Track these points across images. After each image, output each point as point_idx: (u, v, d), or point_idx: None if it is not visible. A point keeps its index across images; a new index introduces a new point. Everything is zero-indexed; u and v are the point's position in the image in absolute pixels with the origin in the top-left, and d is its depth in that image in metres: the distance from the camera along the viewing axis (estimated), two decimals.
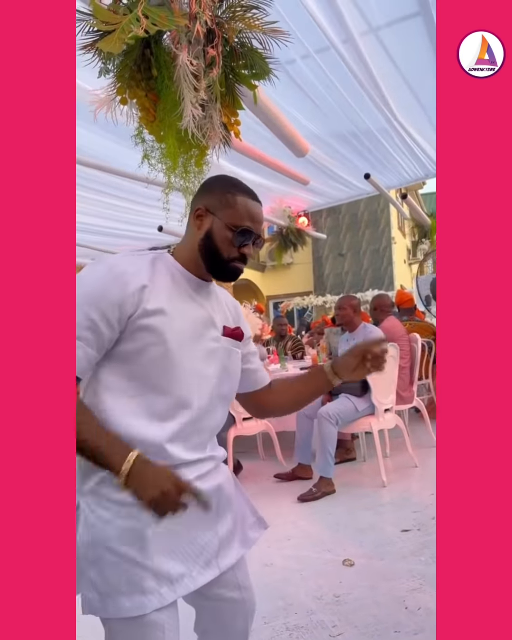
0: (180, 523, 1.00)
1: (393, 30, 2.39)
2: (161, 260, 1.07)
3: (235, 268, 1.07)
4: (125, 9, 1.26)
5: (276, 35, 1.47)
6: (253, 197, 1.08)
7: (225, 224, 1.04)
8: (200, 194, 1.10)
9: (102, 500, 0.99)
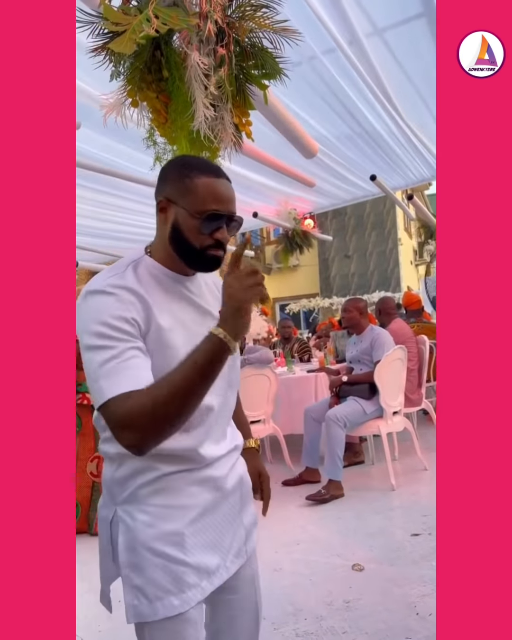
0: (214, 516, 1.05)
1: (398, 31, 2.39)
2: (142, 265, 1.01)
3: (212, 256, 0.99)
4: (135, 10, 1.25)
5: (286, 34, 1.45)
6: (215, 174, 0.98)
7: (188, 212, 0.96)
8: (159, 184, 1.02)
9: (141, 505, 1.00)
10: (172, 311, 1.00)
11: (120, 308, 0.91)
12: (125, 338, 0.90)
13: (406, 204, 5.38)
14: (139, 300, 0.94)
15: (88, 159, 3.04)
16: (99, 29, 1.28)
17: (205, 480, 1.05)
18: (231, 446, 1.13)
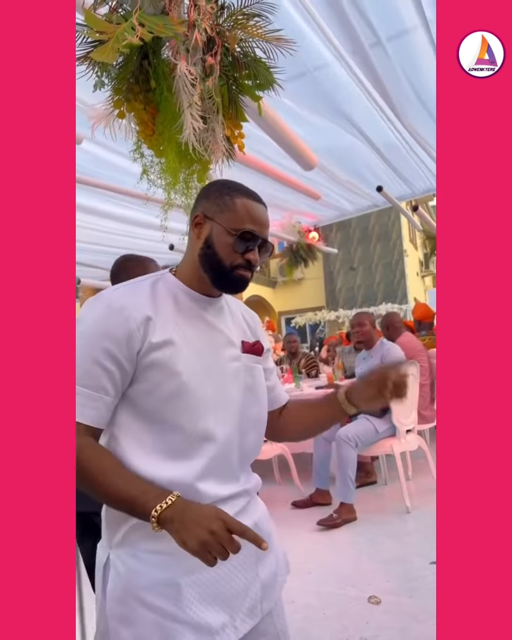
0: (219, 568, 0.91)
1: (402, 41, 2.34)
2: (162, 282, 1.00)
3: (240, 276, 0.98)
4: (120, 17, 1.18)
5: (280, 43, 1.38)
6: (255, 199, 1.00)
7: (225, 228, 0.96)
8: (198, 201, 1.03)
9: (133, 550, 0.92)
10: (180, 330, 0.95)
11: (114, 329, 0.90)
12: (108, 367, 0.89)
13: (412, 214, 5.31)
14: (142, 320, 0.92)
15: (86, 175, 2.99)
16: (83, 37, 1.21)
17: None
18: (239, 488, 1.00)
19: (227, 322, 1.04)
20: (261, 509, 1.08)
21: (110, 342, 0.89)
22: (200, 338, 0.97)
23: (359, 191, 4.19)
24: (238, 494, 1.00)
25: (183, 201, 1.31)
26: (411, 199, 4.78)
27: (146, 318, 0.91)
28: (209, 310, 1.01)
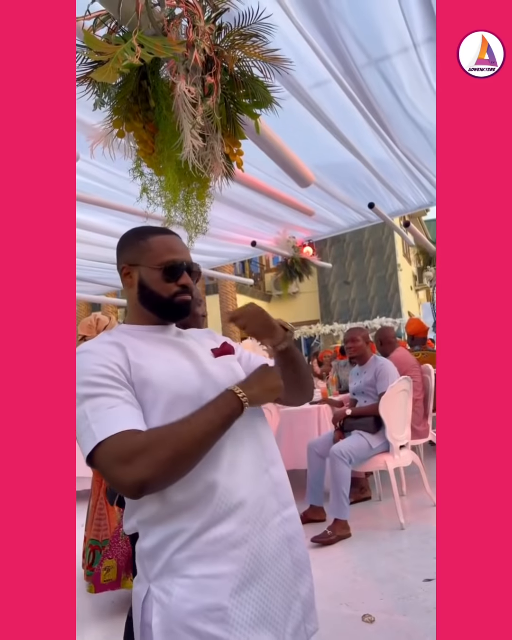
0: (260, 585, 0.93)
1: (392, 62, 2.39)
2: (116, 331, 1.07)
3: (181, 301, 1.06)
4: (119, 38, 1.20)
5: (277, 63, 1.41)
6: (165, 232, 1.10)
7: (149, 267, 1.05)
8: (118, 256, 1.11)
9: (175, 577, 0.91)
10: (155, 354, 1.00)
11: (102, 358, 0.94)
12: (113, 384, 0.91)
13: (405, 230, 5.35)
14: (118, 348, 0.98)
15: (85, 193, 3.01)
16: (82, 58, 1.23)
17: (243, 540, 0.94)
18: (271, 483, 1.03)
19: (191, 339, 1.12)
20: (297, 521, 1.09)
21: (104, 368, 0.93)
22: (169, 354, 1.03)
23: (352, 207, 4.23)
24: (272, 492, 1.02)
25: (183, 218, 1.32)
26: (404, 214, 4.83)
27: (120, 348, 0.97)
28: (168, 333, 1.10)
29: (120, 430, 0.85)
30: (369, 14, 2.05)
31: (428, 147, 3.20)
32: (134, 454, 0.83)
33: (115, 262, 1.13)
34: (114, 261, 1.14)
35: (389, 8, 2.00)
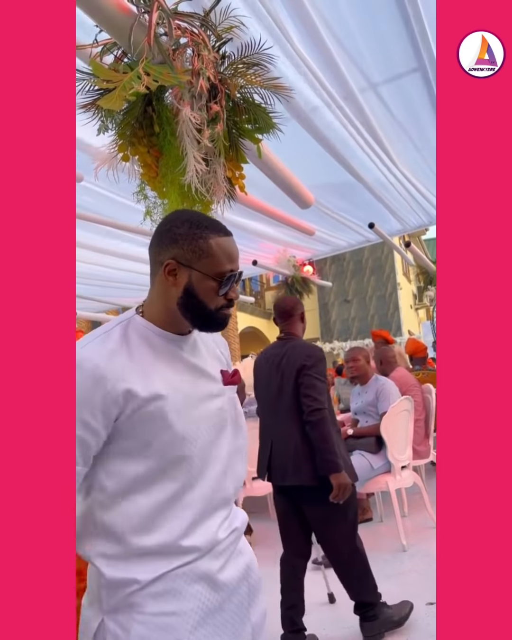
0: (217, 620, 0.92)
1: (392, 86, 2.45)
2: (132, 326, 0.96)
3: (224, 316, 0.97)
4: (126, 67, 1.24)
5: (278, 90, 1.45)
6: (225, 233, 0.96)
7: (206, 274, 0.92)
8: (163, 244, 0.95)
9: (133, 613, 0.88)
10: (163, 374, 0.93)
11: (89, 396, 0.86)
12: (84, 438, 0.87)
13: (404, 249, 5.40)
14: (120, 370, 0.88)
15: (87, 211, 3.05)
16: (89, 85, 1.26)
17: (205, 575, 0.92)
18: (229, 530, 1.00)
19: (204, 356, 1.03)
20: (249, 549, 1.07)
21: (87, 412, 0.86)
22: (182, 377, 0.96)
23: (352, 227, 4.28)
24: (226, 538, 0.98)
25: None
26: (403, 234, 4.88)
27: (123, 367, 0.89)
28: (185, 348, 0.99)
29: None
30: (368, 40, 2.11)
31: (426, 168, 3.25)
32: None
33: (151, 250, 0.98)
34: (115, 281, 1.09)
35: (385, 35, 2.06)
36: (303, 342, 2.50)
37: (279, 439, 2.31)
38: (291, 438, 2.25)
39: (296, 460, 2.23)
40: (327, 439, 2.18)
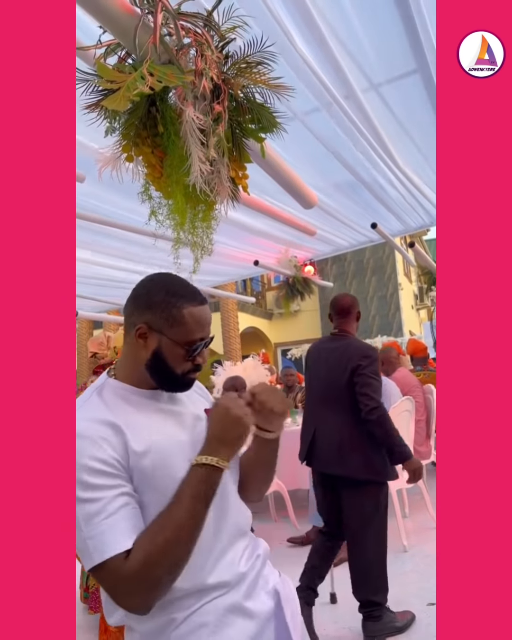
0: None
1: (393, 86, 2.45)
2: (106, 389, 0.98)
3: (190, 379, 1.01)
4: (130, 67, 1.24)
5: (280, 90, 1.45)
6: (199, 301, 0.98)
7: (175, 341, 0.95)
8: (137, 308, 0.98)
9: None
10: (149, 427, 0.93)
11: (96, 449, 0.86)
12: (108, 484, 0.85)
13: (405, 249, 5.39)
14: (112, 431, 0.89)
15: (88, 211, 3.05)
16: (93, 86, 1.26)
17: (233, 607, 0.92)
18: (249, 564, 0.99)
19: (183, 401, 1.05)
20: (276, 575, 1.06)
21: (98, 463, 0.85)
22: (171, 428, 0.97)
23: (354, 227, 4.28)
24: (253, 564, 0.99)
25: (189, 239, 1.35)
26: (405, 234, 4.87)
27: (114, 428, 0.89)
28: (162, 400, 1.01)
29: (114, 554, 0.81)
30: (371, 39, 2.11)
31: (428, 169, 3.25)
32: (131, 585, 0.80)
33: (125, 309, 1.01)
34: (117, 280, 1.08)
35: (388, 35, 2.06)
36: (358, 341, 2.59)
37: (323, 428, 2.43)
38: (336, 431, 2.37)
39: (341, 452, 2.34)
40: (392, 433, 2.30)
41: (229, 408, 0.91)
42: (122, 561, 0.80)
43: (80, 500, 0.82)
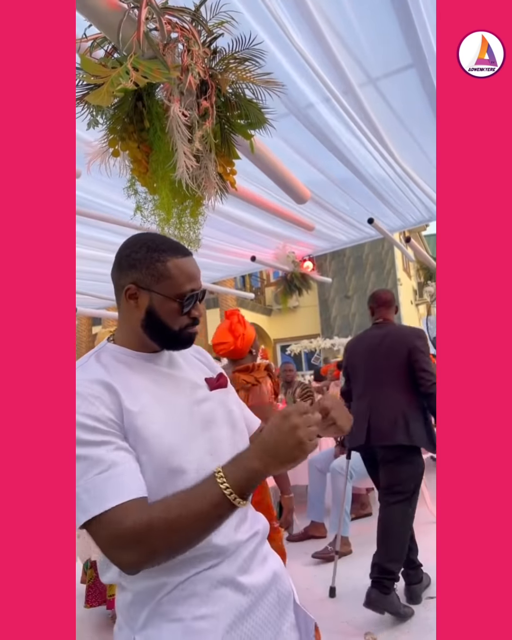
0: (251, 624, 0.90)
1: (391, 81, 2.44)
2: (105, 353, 0.98)
3: (189, 335, 1.00)
4: (115, 62, 1.23)
5: (269, 86, 1.44)
6: (183, 253, 0.98)
7: (165, 296, 0.95)
8: (122, 269, 0.98)
9: (163, 622, 0.87)
10: (144, 389, 0.93)
11: (91, 407, 0.86)
12: (103, 440, 0.84)
13: (405, 245, 5.37)
14: (106, 390, 0.89)
15: (85, 207, 3.05)
16: (78, 80, 1.25)
17: (225, 579, 0.91)
18: (251, 532, 0.98)
19: (183, 367, 1.04)
20: (276, 557, 1.05)
21: (91, 420, 0.85)
22: (166, 390, 0.96)
23: (352, 222, 4.26)
24: (251, 537, 0.98)
25: (176, 235, 1.34)
26: (403, 230, 4.86)
27: (109, 389, 0.89)
28: (161, 363, 1.01)
29: (111, 507, 0.79)
30: (369, 33, 2.09)
31: (428, 164, 3.24)
32: (128, 542, 0.79)
33: (112, 274, 1.01)
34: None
35: (385, 28, 2.04)
36: (403, 325, 3.06)
37: (382, 407, 2.65)
38: (398, 406, 2.61)
39: (405, 424, 2.56)
40: None
41: (296, 428, 0.79)
42: (120, 515, 0.79)
43: (77, 457, 0.82)
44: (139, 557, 0.79)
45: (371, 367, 2.74)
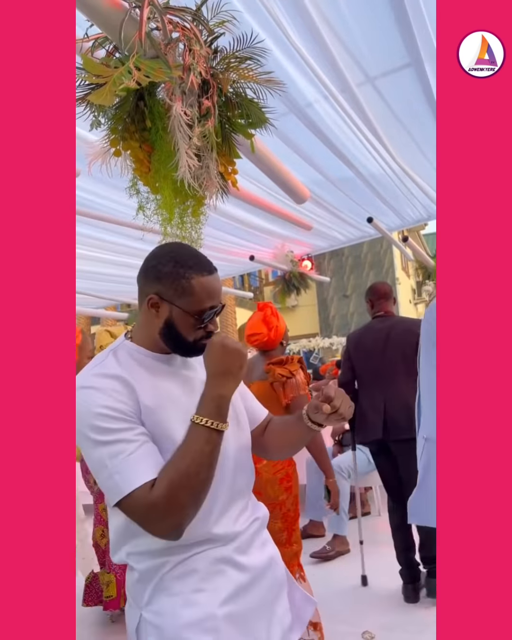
0: (248, 600, 0.98)
1: (388, 80, 2.44)
2: (122, 350, 1.04)
3: (203, 345, 1.02)
4: (117, 61, 1.23)
5: (270, 85, 1.44)
6: (208, 271, 1.01)
7: (185, 311, 0.99)
8: (148, 279, 1.03)
9: (165, 597, 0.95)
10: (159, 388, 0.99)
11: (110, 399, 0.92)
12: (125, 427, 0.91)
13: (403, 245, 5.38)
14: (124, 386, 0.94)
15: (85, 207, 3.04)
16: (80, 80, 1.26)
17: (224, 558, 0.98)
18: (251, 519, 1.05)
19: (196, 367, 1.09)
20: (272, 542, 1.12)
21: (114, 411, 0.91)
22: (178, 391, 1.02)
23: (351, 222, 4.27)
24: (250, 524, 1.05)
25: (178, 234, 1.35)
26: (402, 229, 4.86)
27: (126, 385, 0.95)
28: (175, 364, 1.06)
29: (142, 483, 0.87)
30: (366, 33, 2.10)
31: (426, 163, 3.24)
32: (161, 507, 0.86)
33: (138, 279, 1.05)
34: (115, 275, 1.10)
35: (383, 27, 2.05)
36: (406, 317, 3.06)
37: (396, 400, 2.59)
38: (411, 397, 2.50)
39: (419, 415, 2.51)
40: None
41: (225, 343, 0.95)
42: (148, 490, 0.87)
43: (101, 443, 0.89)
44: (174, 517, 0.87)
45: (381, 360, 2.70)
